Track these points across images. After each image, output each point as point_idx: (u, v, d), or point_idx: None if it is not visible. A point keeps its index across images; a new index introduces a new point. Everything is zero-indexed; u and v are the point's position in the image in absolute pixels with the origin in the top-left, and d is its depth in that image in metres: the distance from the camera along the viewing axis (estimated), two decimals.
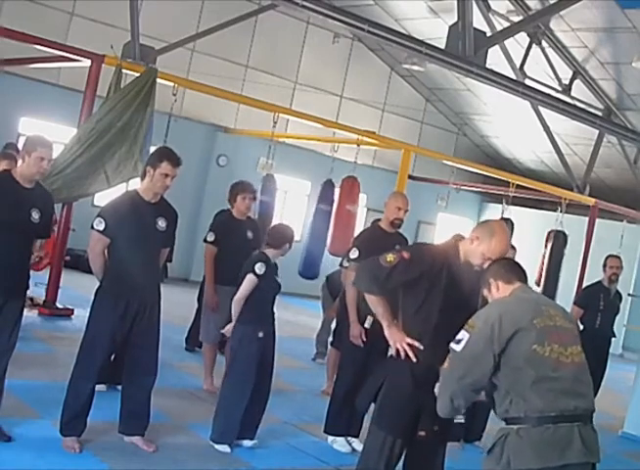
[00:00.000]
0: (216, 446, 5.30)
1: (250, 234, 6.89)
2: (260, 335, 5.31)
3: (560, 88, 13.76)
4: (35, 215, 4.63)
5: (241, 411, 5.29)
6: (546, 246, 13.58)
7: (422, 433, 3.79)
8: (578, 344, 3.40)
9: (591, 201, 14.81)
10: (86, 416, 4.78)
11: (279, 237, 5.42)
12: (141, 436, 5.00)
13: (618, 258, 7.91)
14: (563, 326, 3.37)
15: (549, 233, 13.63)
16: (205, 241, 6.80)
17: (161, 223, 4.88)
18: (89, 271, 4.93)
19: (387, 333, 3.86)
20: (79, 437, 4.77)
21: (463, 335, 3.37)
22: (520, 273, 3.63)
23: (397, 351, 3.83)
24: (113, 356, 5.12)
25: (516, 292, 3.52)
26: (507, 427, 3.28)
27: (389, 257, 3.82)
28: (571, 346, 3.34)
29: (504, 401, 3.30)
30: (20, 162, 4.65)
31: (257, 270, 5.31)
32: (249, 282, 5.32)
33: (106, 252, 4.83)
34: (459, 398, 3.38)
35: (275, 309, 5.57)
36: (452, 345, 3.40)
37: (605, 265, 7.83)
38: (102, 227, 4.73)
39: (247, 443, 5.42)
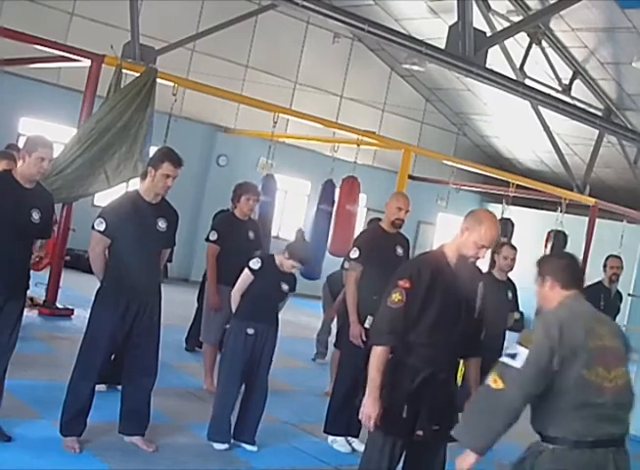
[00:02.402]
0: (214, 445, 5.30)
1: (251, 234, 6.89)
2: (250, 332, 5.31)
3: (560, 88, 13.77)
4: (35, 216, 4.62)
5: (228, 407, 5.30)
6: (546, 246, 13.58)
7: (419, 433, 3.78)
8: (624, 364, 3.25)
9: (591, 201, 14.80)
10: (86, 416, 4.77)
11: (292, 252, 5.39)
12: (141, 436, 5.00)
13: (619, 258, 7.90)
14: (611, 346, 3.23)
15: (549, 233, 13.64)
16: (208, 240, 6.79)
17: (162, 224, 4.88)
18: (89, 271, 4.94)
19: (365, 401, 3.76)
20: (79, 437, 4.77)
21: (518, 350, 3.14)
22: (580, 281, 3.43)
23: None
24: (113, 356, 5.12)
25: (569, 302, 3.32)
26: (542, 443, 3.19)
27: (394, 296, 3.74)
28: (616, 368, 3.20)
29: (543, 418, 3.19)
30: (20, 162, 4.65)
31: (252, 265, 5.38)
32: (243, 276, 5.42)
33: (107, 252, 4.83)
34: (515, 418, 3.15)
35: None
36: (506, 360, 3.17)
37: (605, 266, 7.82)
38: (102, 228, 4.74)
39: (247, 447, 5.42)
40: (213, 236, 6.75)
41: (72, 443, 4.73)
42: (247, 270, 5.40)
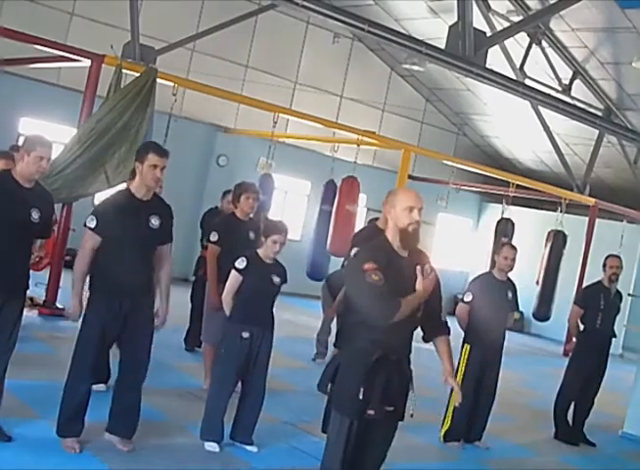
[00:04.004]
0: (205, 445, 5.27)
1: (252, 235, 6.86)
2: (245, 335, 5.28)
3: (560, 88, 13.78)
4: (35, 215, 4.62)
5: (221, 407, 5.29)
6: (546, 246, 13.60)
7: (371, 412, 3.84)
8: None
9: (591, 201, 14.82)
10: (83, 416, 4.76)
11: (265, 229, 5.42)
12: (128, 439, 4.92)
13: (618, 257, 7.89)
14: None
15: (549, 233, 13.65)
16: (208, 241, 6.79)
17: (155, 221, 4.83)
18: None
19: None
20: (78, 437, 4.76)
21: None
22: None
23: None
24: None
25: None
26: None
27: (374, 276, 3.74)
28: None
29: None
30: (19, 161, 4.65)
31: (237, 264, 5.36)
32: (231, 277, 5.40)
33: (101, 252, 4.78)
34: None
35: (275, 310, 5.55)
36: None
37: (605, 265, 7.82)
38: (93, 225, 4.70)
39: (248, 447, 5.41)
40: (214, 237, 6.75)
41: (72, 443, 4.72)
42: (234, 272, 5.37)
